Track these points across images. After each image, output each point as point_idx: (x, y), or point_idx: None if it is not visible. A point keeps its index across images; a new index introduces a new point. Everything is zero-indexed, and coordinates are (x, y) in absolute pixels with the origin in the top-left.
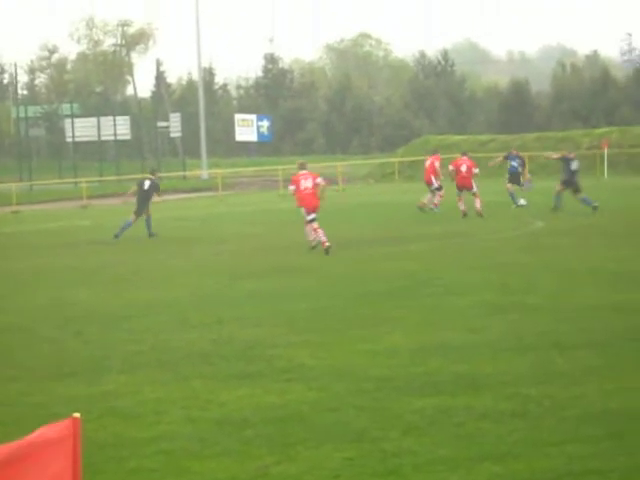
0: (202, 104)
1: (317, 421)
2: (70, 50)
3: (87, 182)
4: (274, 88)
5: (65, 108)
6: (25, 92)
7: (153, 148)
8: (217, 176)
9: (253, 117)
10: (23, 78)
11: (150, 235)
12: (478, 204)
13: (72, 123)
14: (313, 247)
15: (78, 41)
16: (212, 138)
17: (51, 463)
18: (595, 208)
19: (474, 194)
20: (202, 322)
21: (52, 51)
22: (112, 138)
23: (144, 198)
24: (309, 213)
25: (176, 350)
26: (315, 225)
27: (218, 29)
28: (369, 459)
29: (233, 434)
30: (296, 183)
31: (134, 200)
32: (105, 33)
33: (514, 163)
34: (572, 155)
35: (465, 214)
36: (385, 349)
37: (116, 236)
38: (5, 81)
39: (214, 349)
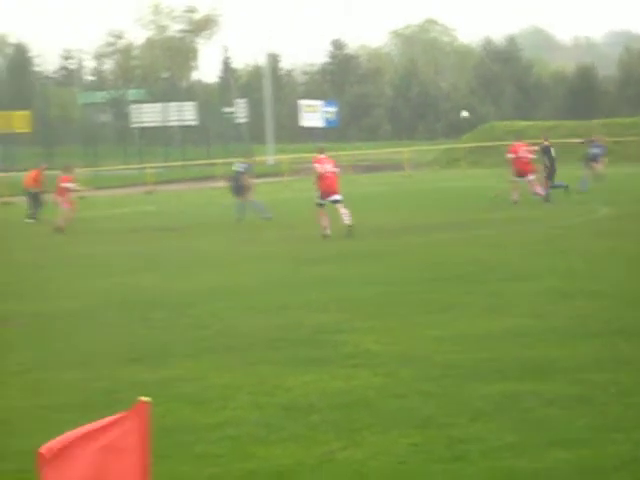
0: (268, 90)
1: (383, 407)
2: (136, 36)
3: (152, 168)
4: (340, 74)
5: (131, 94)
6: (92, 78)
7: (219, 134)
8: (283, 162)
9: (320, 103)
10: (90, 64)
11: (238, 220)
12: (539, 190)
13: (138, 109)
14: (326, 236)
15: (145, 27)
16: (278, 124)
17: (121, 446)
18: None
19: (531, 182)
20: (268, 307)
21: (118, 37)
22: (178, 124)
23: (237, 181)
24: (332, 194)
25: (242, 336)
26: (340, 206)
27: (284, 14)
28: (435, 445)
29: (299, 419)
30: (319, 163)
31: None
32: (171, 19)
33: (596, 150)
34: (548, 143)
35: (516, 202)
36: (451, 335)
37: (267, 217)
38: (72, 67)
39: (280, 335)
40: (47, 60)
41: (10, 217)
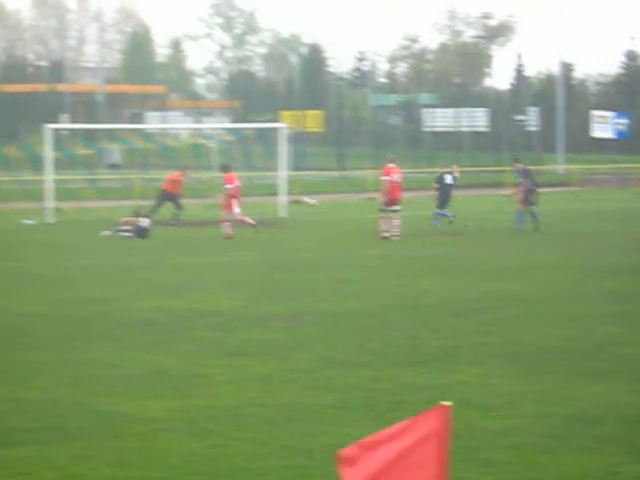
0: (560, 99)
1: None
2: (431, 40)
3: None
4: (633, 85)
5: (423, 98)
6: (384, 80)
7: (509, 141)
8: (573, 172)
9: (611, 114)
10: (383, 67)
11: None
12: None
13: (430, 113)
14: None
15: (440, 31)
16: (568, 133)
17: (421, 448)
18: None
19: None
20: (555, 317)
21: (413, 41)
22: (469, 129)
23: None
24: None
25: (527, 344)
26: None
27: (579, 24)
28: None
29: (585, 431)
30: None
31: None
32: (467, 24)
33: None
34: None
35: None
36: None
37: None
38: (365, 69)
39: (566, 345)
40: (341, 61)
41: (297, 216)
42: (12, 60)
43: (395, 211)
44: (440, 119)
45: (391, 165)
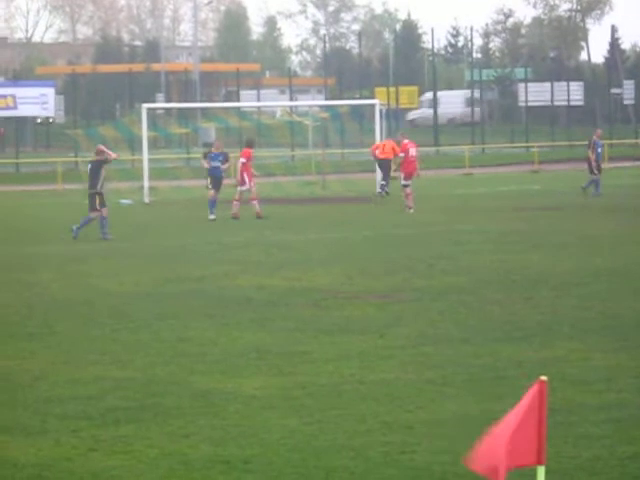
0: None
1: None
2: (525, 14)
3: (538, 147)
4: None
5: (518, 72)
6: (479, 55)
7: (605, 115)
8: None
9: None
10: (478, 41)
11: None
12: None
13: (525, 87)
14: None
15: (534, 6)
16: None
17: (521, 421)
18: None
19: None
20: None
21: (507, 15)
22: (565, 104)
23: None
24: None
25: (625, 318)
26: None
27: None
28: None
29: None
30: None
31: None
32: None
33: None
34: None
35: None
36: None
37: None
38: (460, 44)
39: None
40: (435, 37)
41: (392, 192)
42: (107, 41)
43: (406, 185)
44: (535, 93)
45: (406, 141)
